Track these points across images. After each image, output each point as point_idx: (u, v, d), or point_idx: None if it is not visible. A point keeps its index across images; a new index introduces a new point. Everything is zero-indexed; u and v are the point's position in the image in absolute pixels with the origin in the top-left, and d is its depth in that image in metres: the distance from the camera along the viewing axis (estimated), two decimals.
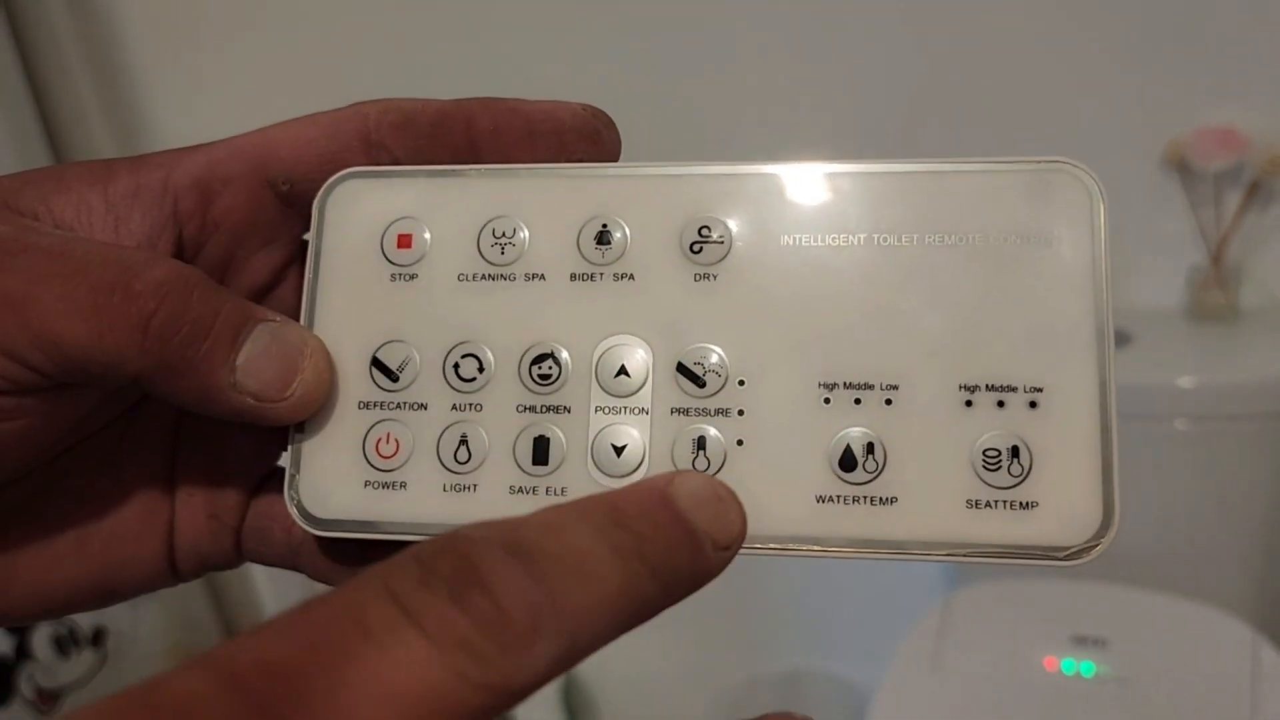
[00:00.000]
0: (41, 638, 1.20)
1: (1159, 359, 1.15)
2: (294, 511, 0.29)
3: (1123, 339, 1.16)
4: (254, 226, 0.29)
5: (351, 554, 0.29)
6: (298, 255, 0.30)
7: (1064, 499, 0.26)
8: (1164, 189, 1.19)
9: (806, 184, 0.28)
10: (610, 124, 0.30)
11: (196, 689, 0.14)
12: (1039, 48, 1.18)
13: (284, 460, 0.30)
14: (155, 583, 0.30)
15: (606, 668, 1.67)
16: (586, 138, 0.29)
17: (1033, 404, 0.26)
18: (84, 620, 1.24)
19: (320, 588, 0.20)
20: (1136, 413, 1.11)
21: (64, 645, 1.23)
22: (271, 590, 1.56)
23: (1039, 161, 0.27)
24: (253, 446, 0.30)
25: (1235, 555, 1.17)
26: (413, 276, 0.29)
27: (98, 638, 1.26)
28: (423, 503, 0.28)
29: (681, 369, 0.28)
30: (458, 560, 0.17)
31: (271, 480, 0.30)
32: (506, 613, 0.16)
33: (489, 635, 0.16)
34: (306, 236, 0.30)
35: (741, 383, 0.27)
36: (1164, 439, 1.12)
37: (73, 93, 1.37)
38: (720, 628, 1.64)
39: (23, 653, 1.19)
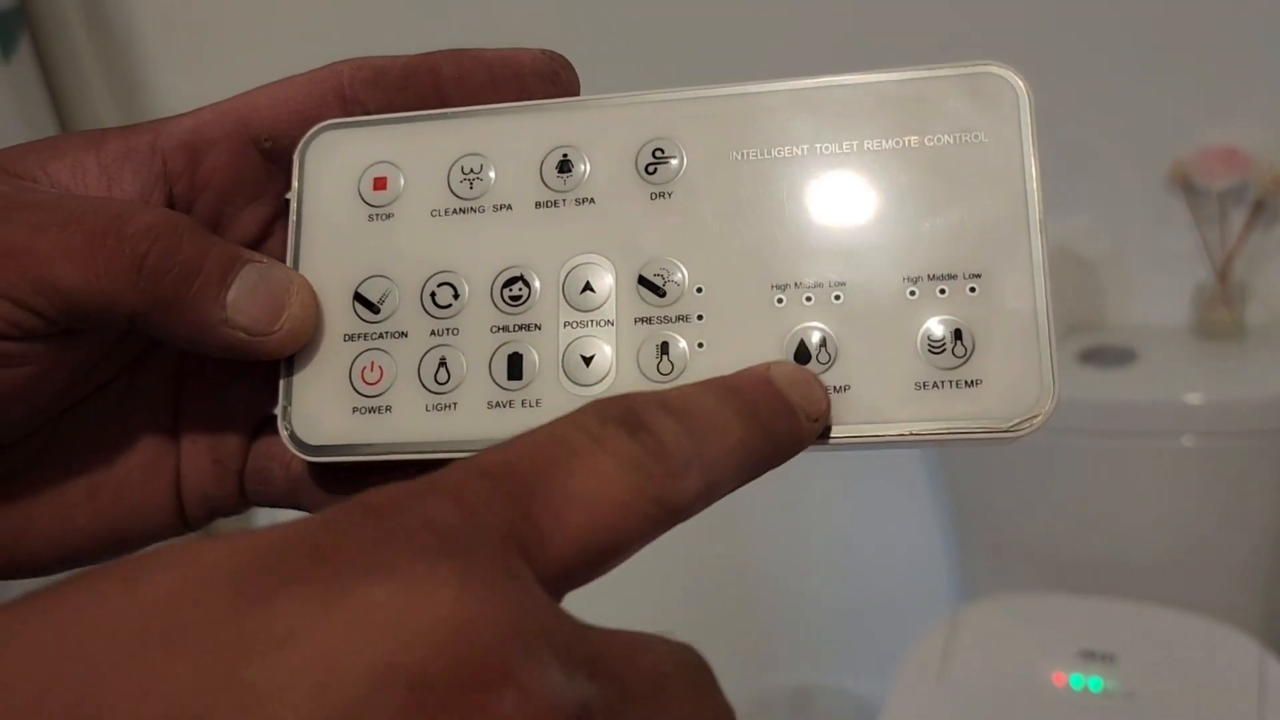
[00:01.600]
0: None
1: (1166, 376, 1.16)
2: (288, 440, 0.30)
3: (1129, 356, 1.17)
4: (240, 183, 0.31)
5: (345, 483, 0.31)
6: (283, 210, 0.32)
7: (1005, 375, 0.27)
8: (1169, 207, 1.20)
9: (752, 102, 0.30)
10: (567, 65, 0.32)
11: (460, 477, 0.19)
12: (1043, 67, 1.19)
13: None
14: (166, 530, 0.32)
15: None
16: (545, 79, 0.31)
17: (972, 289, 0.28)
18: None
19: None
20: (1144, 429, 1.12)
21: None
22: None
23: (967, 66, 0.29)
24: (250, 393, 0.32)
25: (1243, 571, 1.17)
26: (389, 216, 0.31)
27: None
28: (407, 423, 0.30)
29: (643, 281, 0.29)
30: (626, 410, 0.22)
31: (269, 425, 0.32)
32: (667, 447, 0.22)
33: (656, 460, 0.21)
34: (289, 196, 0.31)
35: (699, 290, 0.29)
36: (1172, 455, 1.13)
37: (91, 107, 1.39)
38: (730, 642, 1.64)
39: None
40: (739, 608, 1.62)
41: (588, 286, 0.29)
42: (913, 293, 0.28)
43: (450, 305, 0.30)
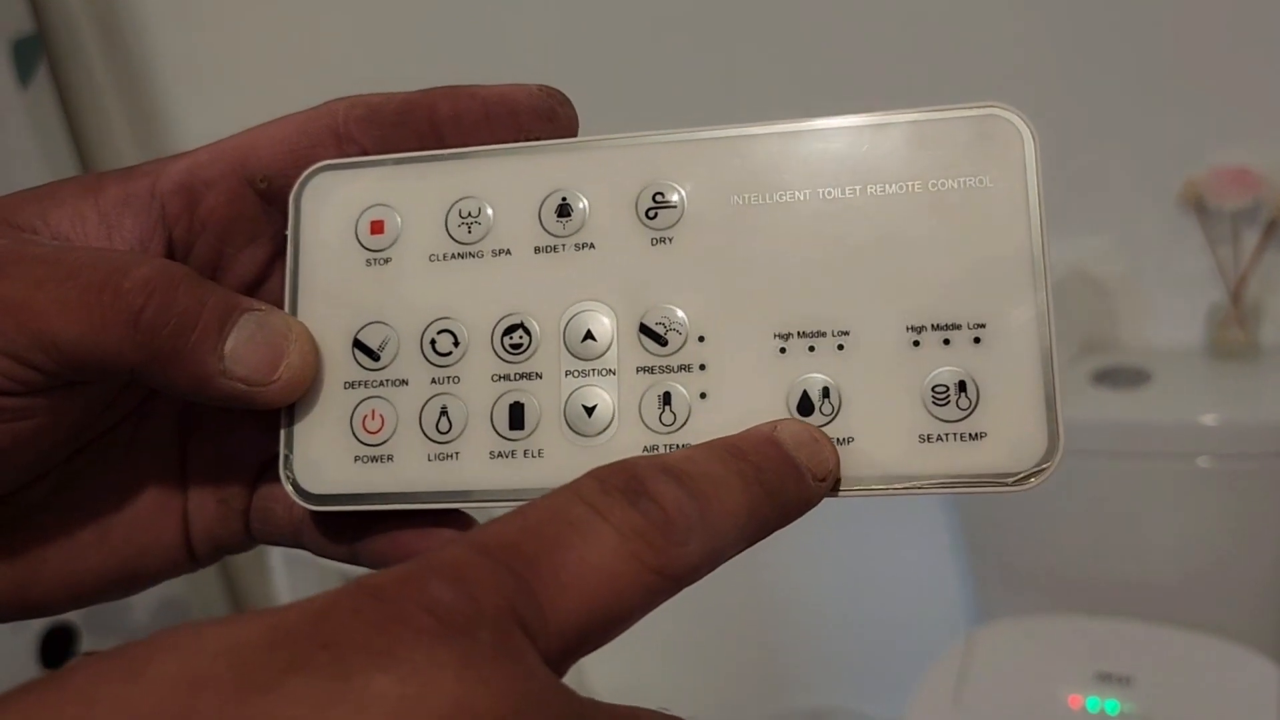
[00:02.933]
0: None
1: (1180, 397, 1.15)
2: (290, 489, 0.30)
3: (1143, 377, 1.17)
4: (238, 224, 0.31)
5: (348, 527, 0.31)
6: (283, 249, 0.32)
7: (1010, 428, 0.27)
8: (1181, 228, 1.20)
9: (754, 145, 0.29)
10: (566, 102, 0.31)
11: (460, 555, 0.20)
12: (1055, 89, 1.19)
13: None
14: (175, 568, 0.32)
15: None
16: (542, 117, 0.31)
17: (976, 339, 0.27)
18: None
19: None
20: (1159, 451, 1.12)
21: None
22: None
23: (971, 107, 0.28)
24: (255, 435, 0.32)
25: (1260, 592, 1.16)
26: (387, 260, 0.31)
27: None
28: (409, 473, 0.30)
29: (644, 329, 0.29)
30: (628, 478, 0.22)
31: (273, 466, 0.32)
32: (669, 515, 0.22)
33: (657, 530, 0.22)
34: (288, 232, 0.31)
35: (701, 339, 0.29)
36: (1187, 477, 1.12)
37: (108, 133, 1.40)
38: (745, 665, 1.64)
39: None
40: (755, 630, 1.61)
41: (589, 335, 0.29)
42: (916, 342, 0.28)
43: (450, 353, 0.30)
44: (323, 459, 0.30)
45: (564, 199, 0.30)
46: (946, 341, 0.28)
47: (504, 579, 0.19)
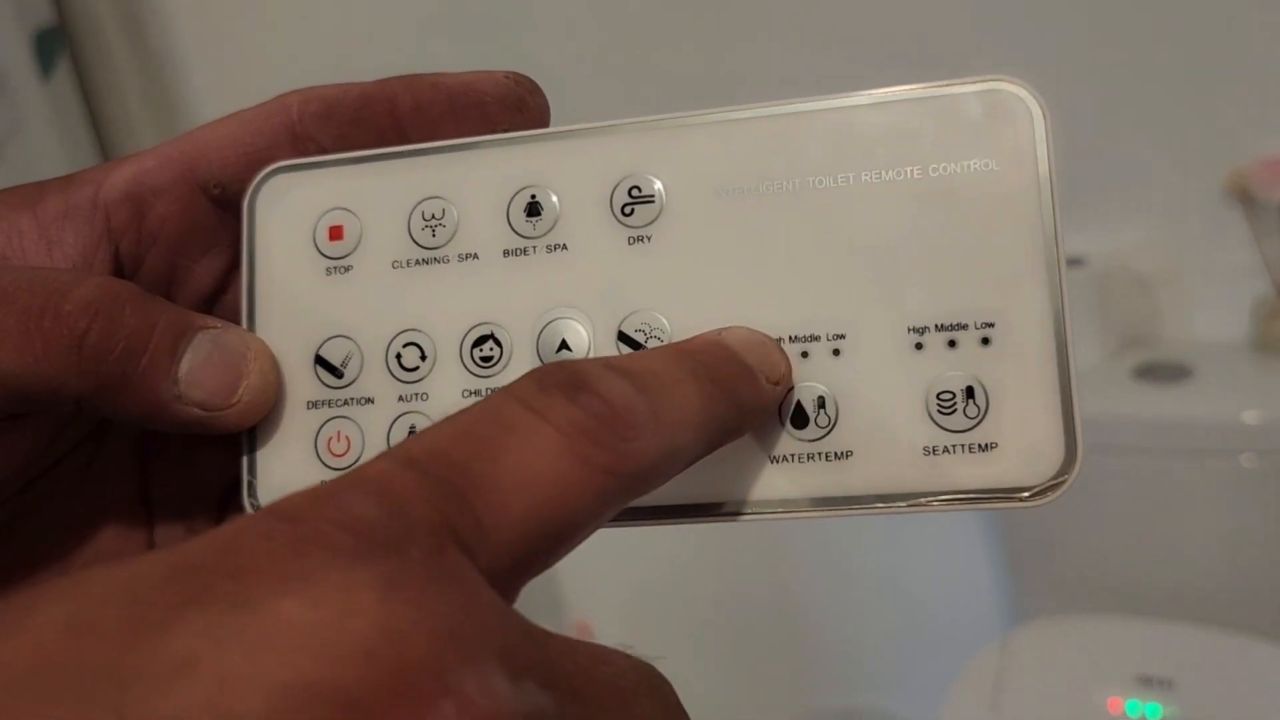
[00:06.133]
0: None
1: (1223, 393, 1.13)
2: None
3: (1185, 373, 1.15)
4: (192, 234, 0.29)
5: None
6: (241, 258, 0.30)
7: (1024, 437, 0.25)
8: (1226, 219, 1.18)
9: (735, 130, 0.27)
10: (536, 90, 0.29)
11: (383, 468, 0.18)
12: (1093, 76, 1.17)
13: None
14: None
15: None
16: (511, 107, 0.29)
17: (985, 340, 0.25)
18: None
19: None
20: (1201, 448, 1.10)
21: None
22: None
23: (974, 82, 0.26)
24: (221, 456, 0.30)
25: None
26: (347, 269, 0.29)
27: None
28: None
29: (623, 337, 0.27)
30: (567, 374, 0.20)
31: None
32: (615, 408, 0.20)
33: (604, 426, 0.19)
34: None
35: None
36: (1230, 475, 1.10)
37: (130, 126, 1.41)
38: (775, 663, 1.63)
39: None
40: (785, 628, 1.61)
41: (564, 345, 0.27)
42: (919, 345, 0.25)
43: (418, 368, 0.28)
44: (287, 485, 0.28)
45: (533, 196, 0.28)
46: (952, 343, 0.25)
47: (434, 490, 0.17)
